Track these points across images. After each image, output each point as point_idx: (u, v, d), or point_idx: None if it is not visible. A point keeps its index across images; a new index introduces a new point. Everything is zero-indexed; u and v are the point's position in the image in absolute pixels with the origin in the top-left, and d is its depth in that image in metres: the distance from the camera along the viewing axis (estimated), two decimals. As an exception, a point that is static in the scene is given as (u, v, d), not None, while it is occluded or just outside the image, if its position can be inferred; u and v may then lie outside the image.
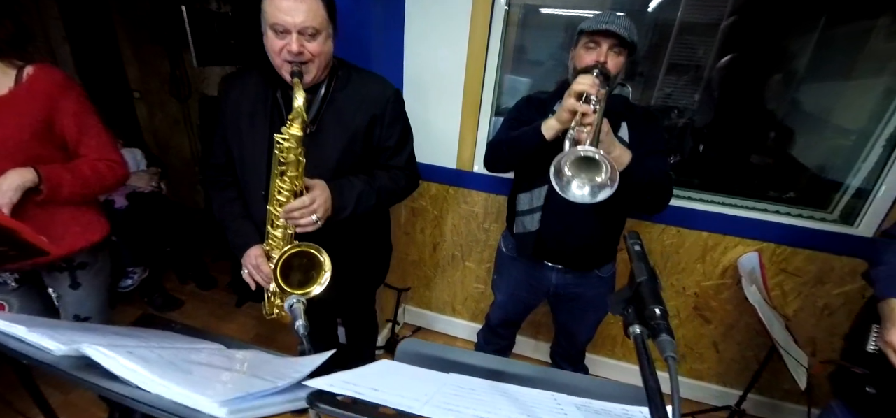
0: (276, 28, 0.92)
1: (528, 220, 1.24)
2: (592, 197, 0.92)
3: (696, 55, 1.57)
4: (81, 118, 1.11)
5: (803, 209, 1.59)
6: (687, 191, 1.62)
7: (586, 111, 0.94)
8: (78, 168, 1.11)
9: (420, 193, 1.90)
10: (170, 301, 2.33)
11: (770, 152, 1.65)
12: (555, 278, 1.36)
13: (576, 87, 0.97)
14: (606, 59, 1.07)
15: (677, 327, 1.82)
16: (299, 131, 0.89)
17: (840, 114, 1.54)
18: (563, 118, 1.00)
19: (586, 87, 0.96)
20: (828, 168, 1.59)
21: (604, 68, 1.05)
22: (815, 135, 1.57)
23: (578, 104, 0.95)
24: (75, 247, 1.18)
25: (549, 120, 1.05)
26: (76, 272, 1.22)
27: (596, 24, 1.06)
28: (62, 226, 1.15)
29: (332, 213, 1.04)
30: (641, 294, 0.48)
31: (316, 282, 1.05)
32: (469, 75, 1.62)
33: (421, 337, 2.23)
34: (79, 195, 1.12)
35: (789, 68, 1.54)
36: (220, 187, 1.20)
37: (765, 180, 1.65)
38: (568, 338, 1.58)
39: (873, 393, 1.01)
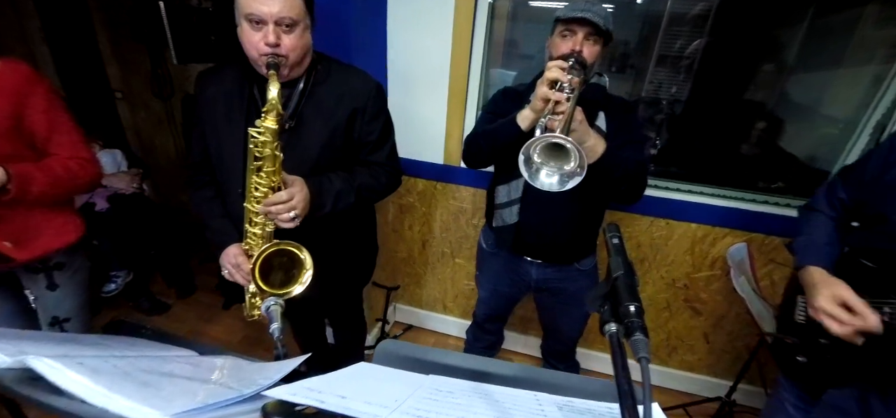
0: (251, 19, 0.89)
1: (506, 213, 1.23)
2: (561, 185, 0.89)
3: (685, 46, 1.55)
4: (51, 115, 1.07)
5: (791, 199, 1.59)
6: (675, 183, 1.61)
7: (559, 99, 0.92)
8: (49, 166, 1.07)
9: (407, 189, 1.88)
10: (157, 305, 2.28)
11: (758, 142, 1.65)
12: (535, 273, 1.34)
13: (548, 75, 0.95)
14: (582, 47, 1.05)
15: (667, 320, 1.82)
16: (274, 124, 0.86)
17: (828, 103, 1.54)
18: (536, 107, 0.98)
19: (558, 75, 0.94)
20: (816, 157, 1.58)
21: (580, 57, 1.03)
22: (803, 124, 1.57)
23: (551, 92, 0.93)
24: (50, 248, 1.14)
25: (524, 110, 1.03)
26: (53, 273, 1.19)
27: (571, 11, 1.04)
28: (35, 227, 1.12)
29: (310, 211, 1.02)
30: (617, 289, 0.45)
31: (297, 282, 1.03)
32: (454, 68, 1.59)
33: (412, 335, 2.21)
34: (50, 195, 1.08)
35: (779, 58, 1.53)
36: (198, 185, 1.17)
37: (753, 170, 1.65)
38: (555, 335, 1.57)
39: (804, 362, 1.03)
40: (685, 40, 1.54)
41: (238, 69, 1.04)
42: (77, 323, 1.27)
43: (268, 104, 0.86)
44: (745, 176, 1.64)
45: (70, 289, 1.23)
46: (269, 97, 0.85)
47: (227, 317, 2.30)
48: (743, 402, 1.74)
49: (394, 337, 2.14)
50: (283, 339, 0.80)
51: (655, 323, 1.84)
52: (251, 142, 0.89)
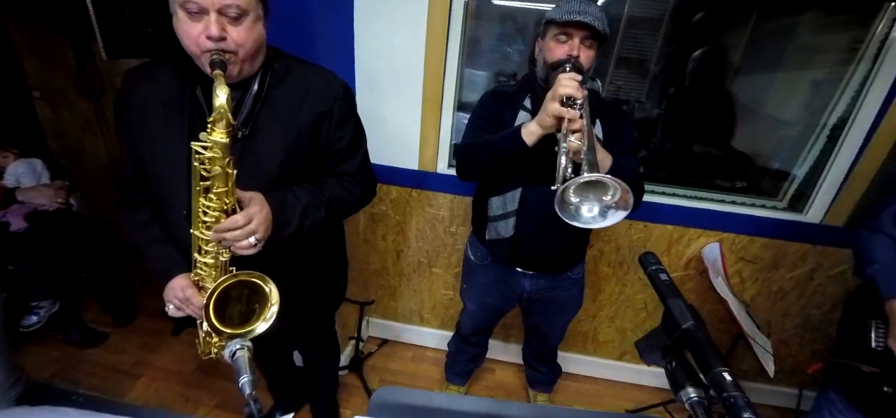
0: (188, 7, 0.73)
1: (501, 226, 1.16)
2: (604, 218, 0.85)
3: (643, 48, 1.56)
4: None
5: (757, 199, 1.64)
6: (651, 185, 1.62)
7: (573, 117, 0.86)
8: None
9: (379, 198, 1.76)
10: (91, 335, 2.00)
11: (720, 144, 1.69)
12: (528, 284, 1.29)
13: (561, 90, 0.89)
14: (579, 52, 0.99)
15: (645, 320, 1.83)
16: (224, 137, 0.72)
17: (783, 106, 1.60)
18: (546, 124, 0.93)
19: (573, 91, 0.88)
20: (776, 158, 1.65)
21: (577, 62, 0.98)
22: (762, 126, 1.62)
23: (564, 109, 0.88)
24: None
25: (529, 124, 0.97)
26: None
27: (567, 14, 0.98)
28: None
29: (273, 231, 0.88)
30: (694, 346, 0.38)
31: (260, 318, 0.88)
32: (429, 68, 1.49)
33: (388, 350, 2.09)
34: None
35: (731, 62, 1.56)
36: (132, 207, 0.99)
37: (717, 171, 1.68)
38: (540, 340, 1.55)
39: (891, 393, 1.01)
40: (643, 43, 1.55)
41: (176, 67, 0.87)
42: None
43: (215, 112, 0.70)
44: (709, 176, 1.67)
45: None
46: (216, 104, 0.70)
47: (176, 344, 2.05)
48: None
49: (369, 353, 2.01)
50: (255, 394, 0.67)
51: (633, 324, 1.86)
52: (195, 160, 0.74)
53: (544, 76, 1.06)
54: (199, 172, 0.75)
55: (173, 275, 0.94)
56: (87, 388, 1.82)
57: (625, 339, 1.90)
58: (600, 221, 0.85)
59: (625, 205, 0.82)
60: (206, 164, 0.74)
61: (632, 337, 1.89)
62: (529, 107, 1.11)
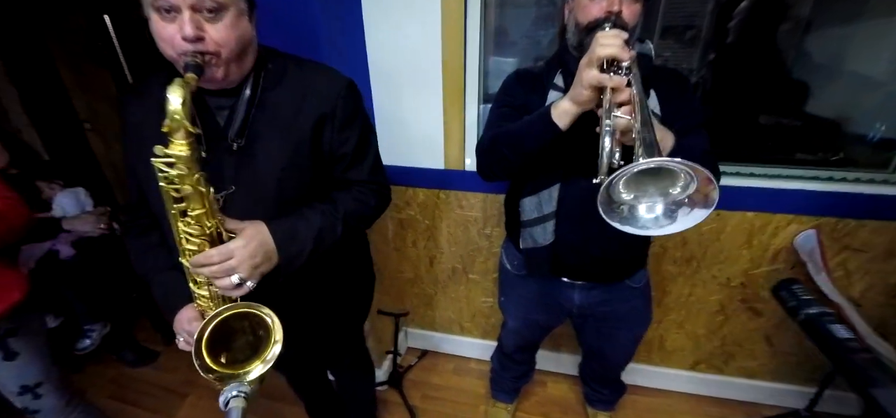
0: (158, 5, 0.64)
1: (538, 232, 0.96)
2: (671, 219, 0.62)
3: (691, 13, 1.28)
4: None
5: (862, 172, 1.31)
6: (724, 165, 1.34)
7: (618, 84, 0.66)
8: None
9: (406, 202, 1.63)
10: (143, 354, 2.06)
11: (793, 112, 1.37)
12: (577, 297, 1.09)
13: (599, 51, 0.68)
14: (620, 6, 0.78)
15: (721, 324, 1.55)
16: (185, 149, 0.61)
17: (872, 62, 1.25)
18: (582, 98, 0.72)
19: (615, 50, 0.67)
20: (877, 123, 1.30)
21: (619, 20, 0.77)
22: (849, 87, 1.28)
23: (605, 76, 0.67)
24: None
25: (560, 102, 0.77)
26: (7, 341, 1.04)
27: None
28: None
29: (281, 264, 0.77)
30: None
31: (260, 358, 0.78)
32: (447, 58, 1.33)
33: (428, 361, 1.97)
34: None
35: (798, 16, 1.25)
36: (137, 232, 0.93)
37: (797, 144, 1.37)
38: (600, 360, 1.32)
39: None
40: (691, 6, 1.28)
41: (165, 78, 0.80)
42: (51, 384, 1.14)
43: (168, 120, 0.60)
44: (788, 150, 1.36)
45: (31, 352, 1.09)
46: (169, 110, 0.59)
47: (220, 361, 2.07)
48: (826, 410, 1.48)
49: (408, 367, 1.90)
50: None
51: (707, 329, 1.58)
52: (161, 179, 0.64)
53: (577, 43, 0.86)
54: (169, 193, 0.65)
55: (180, 306, 0.87)
56: (140, 407, 1.87)
57: (698, 346, 1.63)
58: (667, 225, 0.62)
59: (704, 200, 0.59)
60: (174, 183, 0.64)
61: (706, 343, 1.62)
62: (561, 84, 0.91)
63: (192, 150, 0.61)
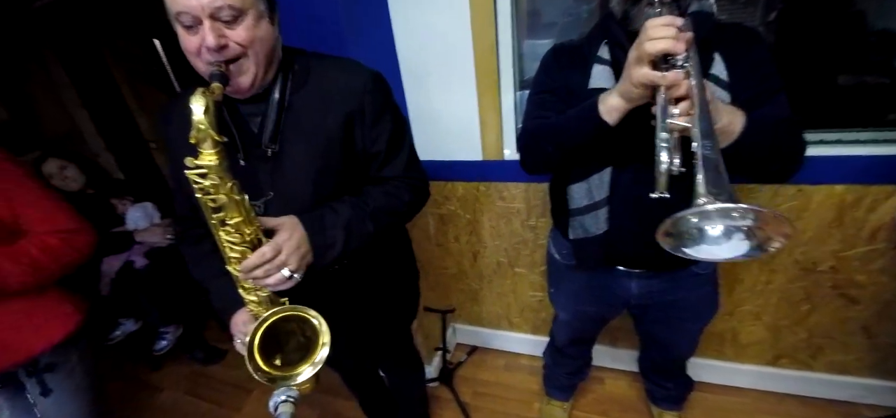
0: (182, 20, 0.64)
1: (589, 221, 0.88)
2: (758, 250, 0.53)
3: None
4: (9, 191, 0.92)
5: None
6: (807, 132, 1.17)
7: (675, 81, 0.57)
8: (22, 251, 0.92)
9: (446, 197, 1.60)
10: (212, 353, 2.22)
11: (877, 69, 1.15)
12: (635, 287, 1.00)
13: (648, 47, 0.58)
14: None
15: (808, 314, 1.37)
16: (214, 158, 0.61)
17: None
18: (632, 96, 0.65)
19: (667, 45, 0.57)
20: None
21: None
22: None
23: (657, 75, 0.59)
24: (33, 352, 0.99)
25: (609, 97, 0.69)
26: (44, 376, 1.03)
27: None
28: (16, 324, 0.97)
29: (313, 258, 0.77)
30: None
31: (308, 361, 0.78)
32: (477, 43, 1.27)
33: (478, 357, 1.93)
34: (33, 282, 0.94)
35: None
36: (192, 241, 0.96)
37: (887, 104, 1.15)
38: (661, 351, 1.22)
39: None
40: None
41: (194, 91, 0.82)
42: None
43: (194, 130, 0.59)
44: (880, 112, 1.15)
45: (67, 393, 1.07)
46: (194, 120, 0.58)
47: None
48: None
49: (458, 363, 1.88)
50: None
51: (790, 321, 1.40)
52: (196, 190, 0.64)
53: (622, 12, 0.76)
54: (206, 204, 0.66)
55: (234, 310, 0.90)
56: (211, 402, 2.01)
57: (779, 340, 1.45)
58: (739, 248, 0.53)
59: (781, 236, 0.50)
60: (209, 193, 0.64)
61: (789, 336, 1.43)
62: (607, 57, 0.81)
63: (221, 159, 0.61)
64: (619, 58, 0.80)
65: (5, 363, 0.97)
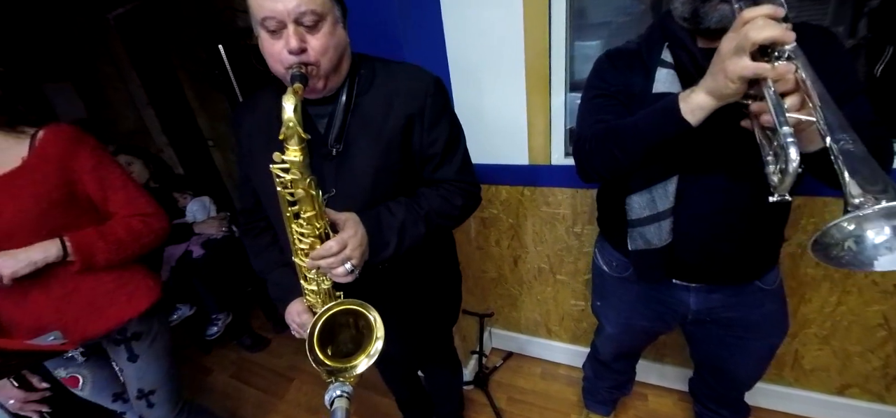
0: (266, 24, 0.69)
1: (650, 232, 0.84)
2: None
3: None
4: (100, 172, 1.02)
5: None
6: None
7: (786, 73, 0.53)
8: (110, 230, 1.03)
9: (488, 200, 1.59)
10: (257, 340, 2.33)
11: None
12: (693, 301, 0.95)
13: (753, 35, 0.54)
14: None
15: (885, 340, 1.25)
16: (299, 155, 0.65)
17: None
18: (726, 92, 0.60)
19: (775, 32, 0.53)
20: None
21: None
22: None
23: (766, 67, 0.54)
24: (123, 318, 1.10)
25: (693, 95, 0.64)
26: (131, 344, 1.14)
27: None
28: (107, 295, 1.07)
29: (370, 255, 0.79)
30: None
31: (364, 353, 0.81)
32: (529, 44, 1.26)
33: (514, 363, 1.91)
34: (117, 259, 1.04)
35: None
36: (254, 234, 1.03)
37: None
38: (719, 376, 1.13)
39: None
40: None
41: (273, 91, 0.86)
42: (163, 393, 1.22)
43: (284, 128, 0.63)
44: None
45: (151, 358, 1.18)
46: (284, 118, 0.62)
47: (319, 351, 2.25)
48: None
49: (494, 368, 1.87)
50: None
51: (863, 347, 1.28)
52: (278, 184, 0.69)
53: (689, 12, 0.72)
54: (284, 197, 0.70)
55: (290, 300, 0.94)
56: (255, 387, 2.11)
57: (848, 367, 1.33)
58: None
59: None
60: (289, 188, 0.69)
61: (862, 364, 1.31)
62: (670, 60, 0.78)
63: (305, 156, 0.65)
64: (683, 60, 0.77)
65: (100, 328, 1.07)
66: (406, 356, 1.22)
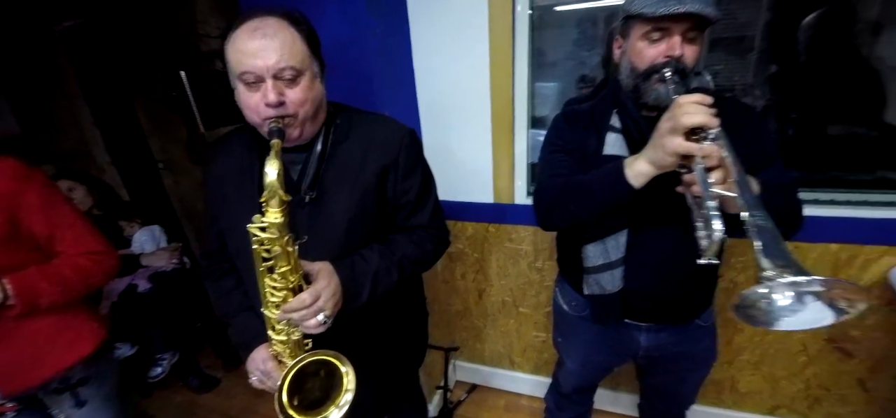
0: (245, 78, 0.70)
1: (604, 279, 0.92)
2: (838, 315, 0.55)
3: (741, 23, 1.23)
4: (49, 211, 0.95)
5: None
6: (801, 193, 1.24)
7: (710, 153, 0.63)
8: (56, 270, 0.96)
9: (455, 236, 1.64)
10: (206, 381, 2.18)
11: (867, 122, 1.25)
12: (644, 339, 1.03)
13: (684, 120, 0.63)
14: (682, 50, 0.75)
15: (805, 366, 1.41)
16: (280, 217, 0.65)
17: None
18: (665, 163, 0.69)
19: (702, 118, 0.63)
20: None
21: (680, 64, 0.75)
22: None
23: (692, 146, 0.64)
24: (64, 365, 1.01)
25: (636, 163, 0.73)
26: (78, 390, 1.06)
27: (664, 5, 0.72)
28: (47, 341, 0.99)
29: (343, 304, 0.80)
30: None
31: (333, 404, 0.80)
32: (495, 90, 1.35)
33: (478, 396, 1.93)
34: (62, 301, 0.97)
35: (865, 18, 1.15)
36: (216, 276, 0.99)
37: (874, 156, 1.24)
38: (667, 402, 1.23)
39: None
40: (741, 16, 1.21)
41: (245, 137, 0.86)
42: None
43: (266, 190, 0.64)
44: (868, 165, 1.24)
45: (100, 401, 1.11)
46: (267, 182, 0.64)
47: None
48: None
49: (458, 402, 1.87)
50: None
51: (788, 371, 1.44)
52: (254, 242, 0.69)
53: (633, 87, 0.83)
54: (259, 254, 0.70)
55: (254, 346, 0.91)
56: (204, 433, 1.96)
57: (777, 390, 1.48)
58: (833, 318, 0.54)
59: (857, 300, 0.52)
60: (265, 245, 0.69)
61: (788, 386, 1.47)
62: (618, 125, 0.88)
63: (286, 217, 0.65)
64: (629, 126, 0.86)
65: (37, 378, 0.98)
66: (374, 400, 1.20)
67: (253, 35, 0.68)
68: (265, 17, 0.70)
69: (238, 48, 0.69)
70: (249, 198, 0.82)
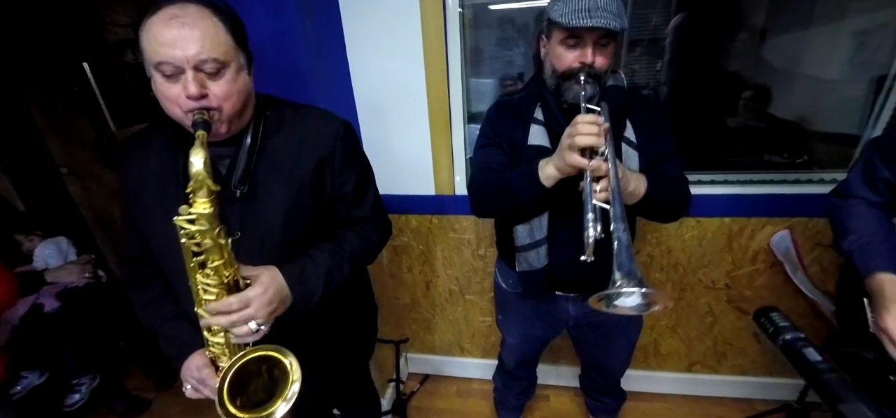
0: (162, 69, 0.65)
1: (532, 257, 1.02)
2: (645, 309, 0.75)
3: (655, 26, 1.36)
4: None
5: (825, 173, 1.41)
6: (697, 174, 1.42)
7: (597, 168, 0.76)
8: None
9: (399, 229, 1.65)
10: (134, 404, 1.99)
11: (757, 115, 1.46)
12: (572, 309, 1.14)
13: (579, 141, 0.76)
14: (593, 58, 0.85)
15: (711, 325, 1.62)
16: (208, 207, 0.63)
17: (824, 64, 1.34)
18: (565, 171, 0.82)
19: (592, 140, 0.75)
20: (835, 123, 1.39)
21: (592, 70, 0.85)
22: (806, 90, 1.36)
23: (584, 162, 0.77)
24: None
25: (546, 167, 0.85)
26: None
27: (577, 17, 0.80)
28: None
29: (297, 306, 0.79)
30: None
31: (280, 397, 0.78)
32: (431, 86, 1.38)
33: (430, 386, 1.97)
34: None
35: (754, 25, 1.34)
36: (140, 284, 0.92)
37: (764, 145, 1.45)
38: (599, 370, 1.37)
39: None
40: (656, 20, 1.36)
41: (167, 134, 0.80)
42: None
43: (192, 180, 0.62)
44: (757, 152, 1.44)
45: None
46: (193, 172, 0.61)
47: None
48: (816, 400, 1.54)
49: (411, 393, 1.89)
50: None
51: (698, 332, 1.64)
52: (182, 235, 0.66)
53: (554, 85, 0.93)
54: (189, 248, 0.67)
55: (188, 353, 0.87)
56: (134, 460, 1.80)
57: (692, 349, 1.69)
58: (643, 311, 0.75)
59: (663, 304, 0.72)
60: (195, 238, 0.65)
61: (699, 345, 1.68)
62: (541, 118, 0.97)
63: (215, 207, 0.63)
64: (550, 120, 0.96)
65: None
66: (323, 396, 1.19)
67: (170, 23, 0.64)
68: (185, 4, 0.66)
69: (153, 37, 0.64)
70: (174, 194, 0.76)
